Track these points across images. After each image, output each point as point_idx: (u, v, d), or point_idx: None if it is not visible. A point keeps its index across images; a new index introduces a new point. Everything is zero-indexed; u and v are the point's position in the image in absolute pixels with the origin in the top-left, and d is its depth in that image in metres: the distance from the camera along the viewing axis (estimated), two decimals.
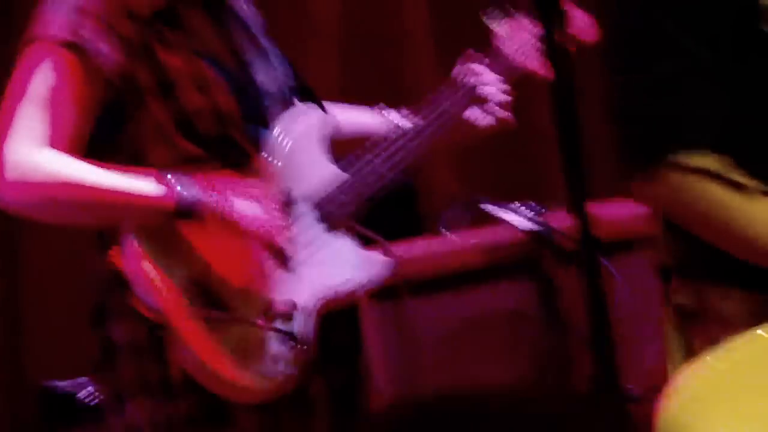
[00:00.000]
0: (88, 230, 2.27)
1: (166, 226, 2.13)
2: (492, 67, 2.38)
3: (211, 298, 2.15)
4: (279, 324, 2.20)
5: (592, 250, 1.52)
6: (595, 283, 1.53)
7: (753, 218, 1.89)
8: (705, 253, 1.95)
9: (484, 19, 2.55)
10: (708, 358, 1.87)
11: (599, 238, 1.53)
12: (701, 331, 1.98)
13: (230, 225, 2.16)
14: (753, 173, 1.90)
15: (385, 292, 2.63)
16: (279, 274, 2.23)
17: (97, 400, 2.66)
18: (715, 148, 1.91)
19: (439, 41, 3.95)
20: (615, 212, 2.79)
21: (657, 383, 1.86)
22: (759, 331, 1.83)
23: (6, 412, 3.60)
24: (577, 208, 1.56)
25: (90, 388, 2.87)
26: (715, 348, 1.84)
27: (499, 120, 2.36)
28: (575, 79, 1.55)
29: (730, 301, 1.94)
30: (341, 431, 2.29)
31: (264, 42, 2.39)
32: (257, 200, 2.23)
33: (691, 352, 1.99)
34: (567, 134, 1.56)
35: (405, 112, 2.38)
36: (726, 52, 1.89)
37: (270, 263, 2.23)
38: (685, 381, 1.85)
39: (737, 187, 1.91)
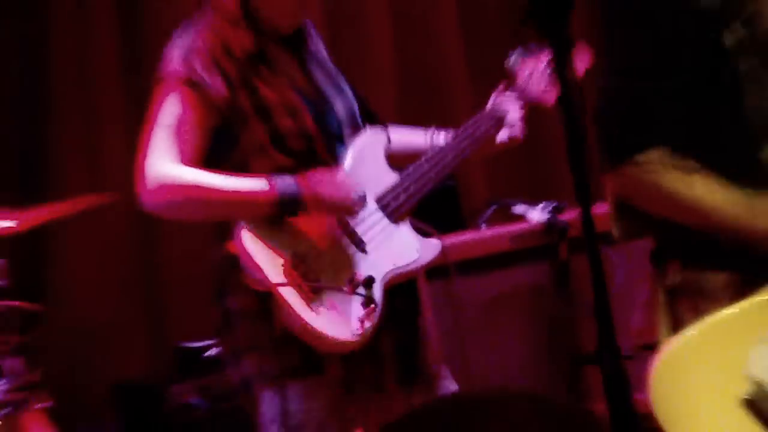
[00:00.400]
0: (209, 225, 2.78)
1: (274, 217, 2.63)
2: (515, 99, 2.90)
3: (309, 270, 2.63)
4: (360, 290, 2.65)
5: (593, 240, 1.80)
6: (598, 266, 1.83)
7: (692, 184, 2.19)
8: (687, 239, 2.24)
9: (507, 64, 3.01)
10: (685, 334, 2.18)
11: (599, 230, 1.80)
12: (687, 306, 2.24)
13: (320, 210, 2.63)
14: (727, 177, 2.21)
15: (435, 270, 3.08)
16: (356, 252, 2.72)
17: (219, 357, 2.98)
18: (688, 152, 2.20)
19: (475, 78, 4.41)
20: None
21: (644, 344, 2.38)
22: (734, 308, 2.14)
23: (150, 366, 4.28)
24: (583, 205, 1.83)
25: (214, 348, 3.42)
26: (699, 320, 2.15)
27: (517, 139, 2.89)
28: (581, 102, 1.90)
29: (711, 280, 2.21)
30: (405, 380, 2.71)
31: (337, 76, 2.88)
32: (341, 192, 2.64)
33: (678, 324, 2.22)
34: (574, 146, 1.85)
35: (448, 132, 2.92)
36: (683, 79, 2.18)
37: (350, 245, 2.72)
38: (674, 347, 2.17)
39: (679, 167, 2.21)
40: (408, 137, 3.05)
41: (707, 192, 2.26)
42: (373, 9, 4.85)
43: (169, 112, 2.69)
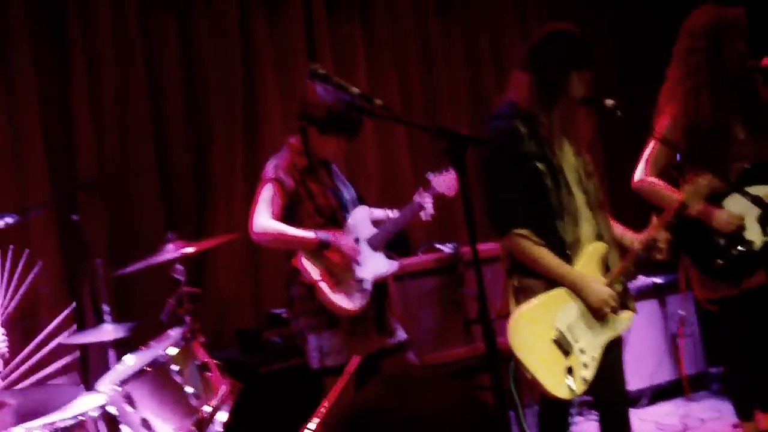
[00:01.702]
0: (285, 250, 4.16)
1: (316, 250, 4.07)
2: (429, 195, 4.37)
3: (333, 274, 4.13)
4: (363, 284, 4.16)
5: (478, 262, 2.85)
6: (480, 276, 2.80)
7: (540, 254, 3.41)
8: (523, 266, 3.45)
9: (427, 175, 4.42)
10: (524, 306, 3.44)
11: (481, 257, 2.88)
12: (523, 296, 3.47)
13: (338, 249, 4.12)
14: (542, 237, 3.42)
15: (397, 276, 4.60)
16: (356, 267, 4.18)
17: (287, 317, 4.32)
18: (527, 226, 3.43)
19: (417, 177, 5.06)
20: (490, 247, 4.40)
21: (501, 314, 3.47)
22: (546, 294, 3.39)
23: (255, 321, 5.26)
24: (472, 244, 2.80)
25: (285, 313, 4.40)
26: (527, 302, 3.44)
27: (431, 216, 4.36)
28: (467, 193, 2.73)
29: (533, 284, 3.42)
30: (379, 330, 4.23)
31: (345, 181, 4.38)
32: (348, 240, 4.16)
33: (518, 304, 3.46)
34: (468, 214, 2.78)
35: (396, 211, 4.37)
36: (521, 190, 3.38)
37: (353, 263, 4.20)
38: (519, 313, 3.44)
39: (535, 242, 3.45)
40: (377, 213, 4.38)
41: (543, 256, 3.41)
42: (366, 132, 5.62)
43: (267, 193, 4.09)
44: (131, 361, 4.08)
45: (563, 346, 3.31)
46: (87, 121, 5.01)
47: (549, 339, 3.30)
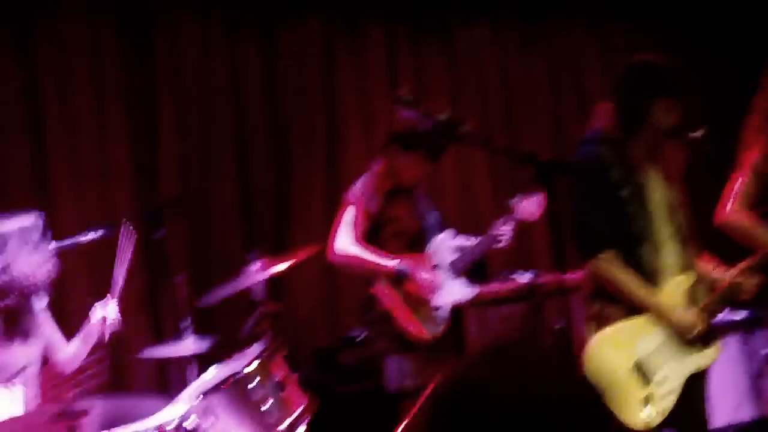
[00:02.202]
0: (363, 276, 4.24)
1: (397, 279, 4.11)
2: (512, 220, 4.36)
3: (411, 301, 4.19)
4: (441, 311, 4.18)
5: (564, 293, 3.35)
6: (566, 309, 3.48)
7: (626, 279, 3.41)
8: (604, 291, 3.39)
9: (510, 202, 4.41)
10: (604, 332, 3.41)
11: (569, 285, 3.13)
12: (601, 324, 3.40)
13: (416, 282, 4.16)
14: (631, 264, 3.42)
15: (475, 303, 4.60)
16: (435, 295, 4.25)
17: (366, 340, 4.44)
18: (611, 250, 3.36)
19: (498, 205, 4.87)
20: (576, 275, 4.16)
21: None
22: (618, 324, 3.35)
23: (331, 341, 5.29)
24: (559, 275, 3.07)
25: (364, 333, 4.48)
26: (608, 328, 3.41)
27: (508, 246, 4.38)
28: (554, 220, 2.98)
29: (612, 310, 3.40)
30: (456, 354, 4.24)
31: (429, 204, 4.41)
32: (426, 273, 4.21)
33: (598, 329, 3.42)
34: (556, 240, 2.96)
35: (478, 237, 4.39)
36: (614, 220, 3.35)
37: (430, 293, 4.23)
38: (598, 338, 3.42)
39: (624, 265, 3.42)
40: (460, 239, 4.42)
41: (629, 281, 3.39)
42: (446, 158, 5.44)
43: (349, 215, 4.16)
44: (211, 375, 4.13)
45: (643, 374, 3.30)
46: (172, 139, 5.20)
47: (628, 366, 3.29)
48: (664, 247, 3.39)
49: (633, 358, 3.29)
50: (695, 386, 3.40)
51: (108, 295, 3.97)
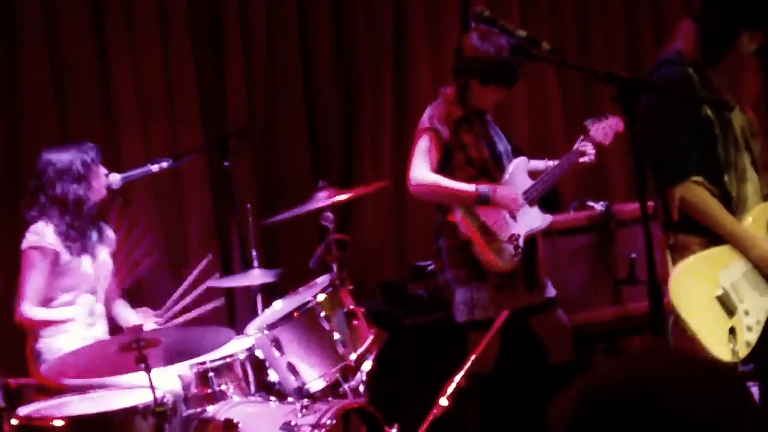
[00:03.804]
0: (441, 204, 4.18)
1: (475, 204, 4.05)
2: (589, 141, 4.28)
3: (489, 230, 4.10)
4: (517, 240, 4.12)
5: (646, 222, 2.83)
6: (648, 236, 2.82)
7: (715, 206, 3.33)
8: (682, 220, 3.30)
9: (586, 123, 4.36)
10: (688, 261, 3.34)
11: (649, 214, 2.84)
12: (678, 255, 3.34)
13: (498, 203, 4.09)
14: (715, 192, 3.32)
15: (547, 232, 4.49)
16: (512, 222, 4.16)
17: (434, 270, 4.42)
18: (700, 175, 3.27)
19: (570, 128, 5.35)
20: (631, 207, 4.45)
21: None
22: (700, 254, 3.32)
23: (400, 273, 5.36)
24: (641, 201, 2.76)
25: (432, 265, 4.51)
26: (692, 257, 3.34)
27: (592, 163, 4.29)
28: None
29: (692, 240, 3.34)
30: (528, 285, 4.21)
31: (499, 132, 4.33)
32: (509, 192, 4.12)
33: (676, 260, 3.37)
34: (638, 166, 2.78)
35: (555, 161, 4.31)
36: (701, 142, 3.26)
37: (510, 218, 4.16)
38: (680, 269, 3.33)
39: (711, 192, 3.35)
40: (535, 163, 4.35)
41: (717, 207, 3.33)
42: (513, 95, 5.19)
43: (424, 144, 4.11)
44: (279, 306, 4.18)
45: (727, 305, 3.22)
46: (238, 69, 5.17)
47: (713, 296, 3.21)
48: (745, 176, 3.34)
49: (717, 289, 3.23)
50: None
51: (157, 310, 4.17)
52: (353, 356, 3.92)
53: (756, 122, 3.44)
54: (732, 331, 3.18)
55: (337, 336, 3.95)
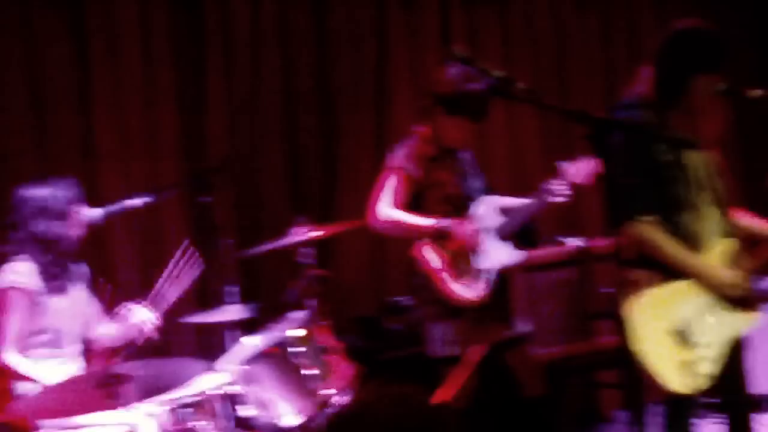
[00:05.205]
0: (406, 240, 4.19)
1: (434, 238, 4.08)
2: (564, 180, 4.29)
3: (455, 265, 4.13)
4: (485, 274, 4.10)
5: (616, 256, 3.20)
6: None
7: (667, 243, 3.37)
8: (637, 257, 3.35)
9: (558, 164, 4.34)
10: (645, 296, 3.36)
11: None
12: (634, 290, 3.35)
13: (457, 237, 4.12)
14: (671, 231, 3.37)
15: (523, 268, 4.49)
16: (484, 256, 4.15)
17: (409, 306, 4.50)
18: (653, 214, 3.33)
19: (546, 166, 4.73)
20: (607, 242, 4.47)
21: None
22: (656, 289, 3.32)
23: (376, 308, 5.28)
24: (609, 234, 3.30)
25: (408, 300, 4.57)
26: (650, 292, 3.38)
27: (566, 202, 4.32)
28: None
29: (646, 276, 3.38)
30: (499, 320, 4.26)
31: (475, 168, 4.35)
32: (468, 228, 4.14)
33: (628, 298, 3.28)
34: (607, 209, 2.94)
35: (528, 199, 4.31)
36: (656, 184, 3.32)
37: (482, 253, 4.16)
38: (636, 307, 3.33)
39: (666, 230, 3.39)
40: (508, 201, 4.39)
41: (670, 245, 3.37)
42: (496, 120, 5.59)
43: (389, 182, 4.15)
44: (255, 342, 4.14)
45: (684, 338, 3.28)
46: (220, 104, 5.22)
47: (670, 331, 3.27)
48: (704, 214, 3.39)
49: (674, 323, 3.28)
50: (735, 352, 3.40)
51: (147, 300, 4.03)
52: (330, 392, 3.96)
53: (719, 162, 3.50)
54: (691, 363, 3.23)
55: (314, 371, 3.97)
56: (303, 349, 3.97)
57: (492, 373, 4.17)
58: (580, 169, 4.34)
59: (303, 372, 3.95)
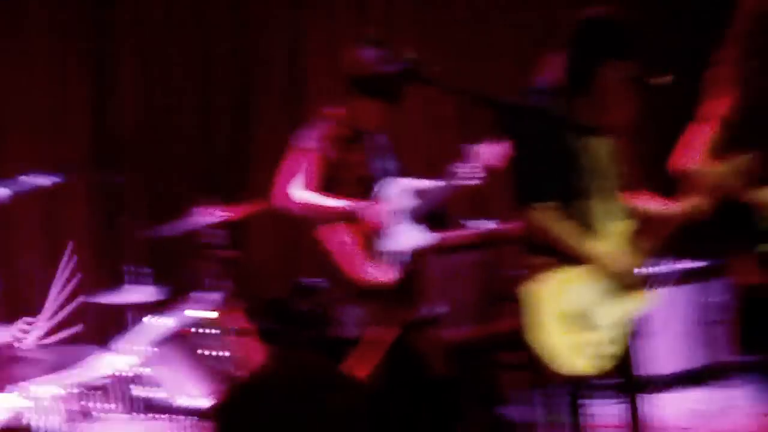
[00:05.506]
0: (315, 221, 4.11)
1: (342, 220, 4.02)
2: (477, 163, 4.28)
3: (365, 246, 4.05)
4: (395, 256, 4.10)
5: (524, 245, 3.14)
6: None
7: (563, 230, 3.38)
8: (537, 242, 3.38)
9: (472, 146, 4.33)
10: (543, 282, 3.34)
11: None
12: (536, 275, 3.36)
13: (365, 219, 4.05)
14: (571, 217, 3.37)
15: (435, 250, 4.45)
16: (395, 238, 4.12)
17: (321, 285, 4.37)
18: (552, 200, 3.34)
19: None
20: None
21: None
22: (555, 273, 3.31)
23: (284, 288, 5.13)
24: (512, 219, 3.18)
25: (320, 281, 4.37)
26: (546, 278, 3.35)
27: (480, 184, 4.27)
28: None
29: (546, 261, 3.37)
30: (405, 304, 4.17)
31: (387, 150, 4.29)
32: (377, 210, 4.08)
33: (530, 283, 3.33)
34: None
35: (439, 181, 4.26)
36: (558, 171, 3.30)
37: (393, 234, 4.11)
38: (533, 292, 3.35)
39: (566, 216, 3.39)
40: (421, 184, 4.33)
41: (566, 231, 3.38)
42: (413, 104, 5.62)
43: (297, 163, 4.10)
44: (164, 323, 4.12)
45: (582, 321, 3.32)
46: (131, 82, 5.16)
47: (568, 314, 3.31)
48: (604, 200, 3.43)
49: (572, 306, 3.33)
50: (630, 333, 3.46)
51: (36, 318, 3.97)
52: (239, 372, 3.93)
53: (624, 148, 3.55)
54: (590, 345, 3.30)
55: (222, 353, 3.96)
56: (213, 330, 3.96)
57: (401, 354, 4.18)
58: (493, 152, 4.35)
59: (213, 354, 3.95)
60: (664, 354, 4.00)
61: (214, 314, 4.01)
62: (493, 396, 4.71)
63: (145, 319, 4.27)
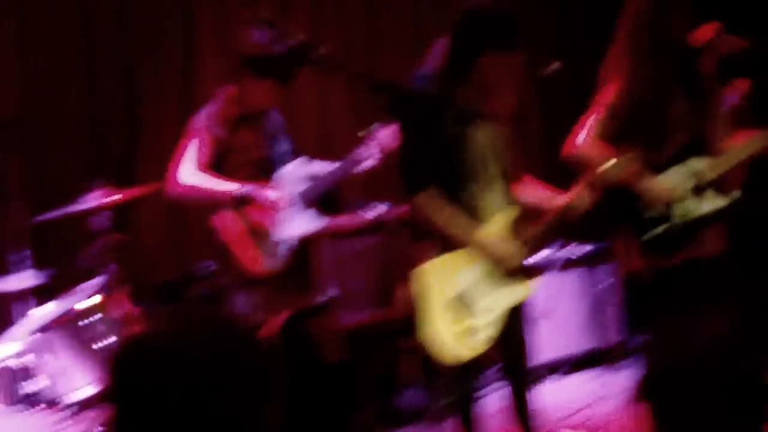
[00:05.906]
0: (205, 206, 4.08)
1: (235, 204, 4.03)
2: (374, 145, 4.26)
3: (255, 233, 4.07)
4: (285, 242, 4.10)
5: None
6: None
7: (445, 216, 3.46)
8: (422, 228, 3.49)
9: (372, 127, 4.31)
10: (425, 266, 3.47)
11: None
12: (418, 259, 3.48)
13: (259, 203, 4.06)
14: (454, 203, 3.42)
15: (331, 235, 4.53)
16: (285, 223, 4.12)
17: (214, 271, 4.38)
18: (434, 186, 3.41)
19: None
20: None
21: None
22: (437, 258, 3.43)
23: (178, 271, 5.08)
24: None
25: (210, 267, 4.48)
26: (429, 262, 3.48)
27: (376, 166, 4.27)
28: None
29: (429, 246, 3.49)
30: (301, 289, 4.27)
31: (281, 131, 4.31)
32: (271, 193, 4.09)
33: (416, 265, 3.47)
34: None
35: (336, 163, 4.27)
36: (442, 158, 3.41)
37: (283, 220, 4.11)
38: (416, 276, 3.45)
39: (449, 202, 3.42)
40: (317, 166, 4.35)
41: (448, 217, 3.45)
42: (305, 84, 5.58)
43: (191, 146, 4.06)
44: (47, 311, 3.97)
45: (463, 305, 3.38)
46: (11, 55, 5.02)
47: (449, 299, 3.37)
48: (489, 187, 3.48)
49: (454, 290, 3.38)
50: (515, 318, 3.53)
51: None
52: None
53: (510, 135, 3.60)
54: (470, 330, 3.35)
55: (111, 339, 3.90)
56: (98, 317, 3.88)
57: (293, 340, 4.19)
58: (389, 135, 4.32)
59: (98, 342, 3.89)
60: (551, 339, 4.05)
61: (99, 300, 3.96)
62: (389, 381, 4.69)
63: (28, 307, 4.17)
